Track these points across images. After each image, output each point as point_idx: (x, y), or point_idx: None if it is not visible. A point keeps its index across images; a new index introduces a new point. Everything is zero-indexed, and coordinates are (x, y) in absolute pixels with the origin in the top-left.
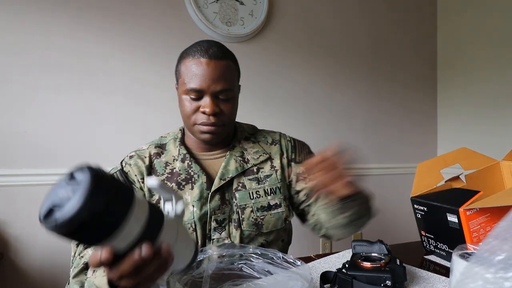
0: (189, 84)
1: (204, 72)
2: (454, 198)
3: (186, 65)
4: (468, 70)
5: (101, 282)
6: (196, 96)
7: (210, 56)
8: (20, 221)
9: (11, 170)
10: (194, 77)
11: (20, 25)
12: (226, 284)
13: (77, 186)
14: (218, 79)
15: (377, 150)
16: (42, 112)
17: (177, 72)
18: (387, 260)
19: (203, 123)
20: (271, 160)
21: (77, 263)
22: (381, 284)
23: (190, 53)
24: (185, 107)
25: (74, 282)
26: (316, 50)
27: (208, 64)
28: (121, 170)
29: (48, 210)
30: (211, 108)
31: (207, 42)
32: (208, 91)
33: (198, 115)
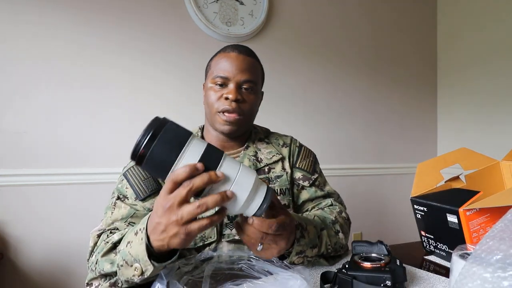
0: (216, 72)
1: (231, 62)
2: (454, 198)
3: (217, 59)
4: (468, 70)
5: (138, 250)
6: (222, 82)
7: (240, 51)
8: (20, 221)
9: (11, 170)
10: (222, 67)
11: (20, 25)
12: (226, 284)
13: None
14: (243, 70)
15: (377, 150)
16: (42, 112)
17: (207, 68)
18: (387, 261)
19: (224, 110)
20: (283, 161)
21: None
22: (381, 284)
23: (221, 50)
24: (210, 95)
25: (104, 260)
26: (316, 50)
27: (236, 57)
28: None
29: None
30: (234, 94)
31: (239, 44)
32: (233, 79)
33: (221, 101)
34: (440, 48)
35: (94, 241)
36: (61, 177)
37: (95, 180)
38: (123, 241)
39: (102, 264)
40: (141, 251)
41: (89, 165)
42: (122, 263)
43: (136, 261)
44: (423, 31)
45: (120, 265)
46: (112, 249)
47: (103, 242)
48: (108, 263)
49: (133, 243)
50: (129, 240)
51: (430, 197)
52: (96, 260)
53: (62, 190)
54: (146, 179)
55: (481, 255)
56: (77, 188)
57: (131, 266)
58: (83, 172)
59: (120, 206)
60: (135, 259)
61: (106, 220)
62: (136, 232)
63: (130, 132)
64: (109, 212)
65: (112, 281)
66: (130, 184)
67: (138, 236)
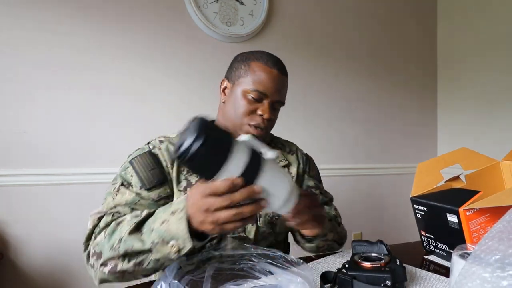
0: (256, 85)
1: (272, 80)
2: (454, 198)
3: (255, 68)
4: (468, 70)
5: (178, 227)
6: (257, 98)
7: (279, 70)
8: (20, 221)
9: (11, 170)
10: (263, 82)
11: (20, 25)
12: (227, 284)
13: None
14: (280, 91)
15: (377, 150)
16: (42, 112)
17: (236, 70)
18: (387, 260)
19: (256, 125)
20: (289, 166)
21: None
22: (381, 284)
23: (260, 59)
24: (241, 105)
25: (133, 238)
26: (316, 50)
27: (277, 76)
28: (149, 152)
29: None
30: (268, 113)
31: (274, 56)
32: (270, 97)
33: (254, 116)
34: (440, 48)
35: (94, 223)
36: (61, 177)
37: (95, 180)
38: (155, 221)
39: (130, 242)
40: (182, 229)
41: (89, 165)
42: (158, 240)
43: (174, 239)
44: (423, 32)
45: (155, 243)
46: (137, 228)
47: (114, 223)
48: (138, 241)
49: (171, 221)
50: (164, 219)
51: (430, 197)
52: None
53: (62, 190)
54: (153, 169)
55: (480, 256)
56: (77, 188)
57: (168, 243)
58: (83, 172)
59: (124, 192)
60: (173, 237)
61: (108, 204)
62: (173, 212)
63: (130, 132)
64: (110, 198)
65: (137, 261)
66: (135, 172)
67: (177, 215)
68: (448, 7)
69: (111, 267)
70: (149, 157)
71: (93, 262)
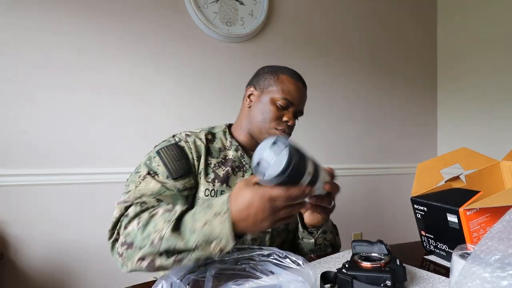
0: (284, 94)
1: (298, 92)
2: (454, 198)
3: (284, 80)
4: (468, 70)
5: (222, 229)
6: (284, 105)
7: (303, 83)
8: (20, 221)
9: (11, 170)
10: (291, 92)
11: (20, 25)
12: (228, 283)
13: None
14: (302, 102)
15: (377, 150)
16: (42, 112)
17: (266, 79)
18: (387, 260)
19: (282, 130)
20: None
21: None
22: (381, 284)
23: (288, 73)
24: (270, 111)
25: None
26: (316, 50)
27: (302, 88)
28: (175, 144)
29: (257, 163)
30: (292, 120)
31: (298, 73)
32: (295, 106)
33: (279, 122)
34: (440, 48)
35: (120, 212)
36: (61, 177)
37: (95, 180)
38: (197, 221)
39: (173, 241)
40: (226, 230)
41: (89, 165)
42: (201, 242)
43: (216, 239)
44: (423, 32)
45: (198, 244)
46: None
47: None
48: (180, 241)
49: (214, 223)
50: (207, 220)
51: (430, 197)
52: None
53: (62, 190)
54: (179, 160)
55: (480, 256)
56: (77, 188)
57: (211, 244)
58: (83, 172)
59: (150, 182)
60: (216, 237)
61: (134, 192)
62: (216, 214)
63: (130, 132)
64: (133, 185)
65: (177, 258)
66: (163, 162)
67: (220, 218)
68: (448, 7)
69: (149, 262)
70: (175, 149)
71: (122, 251)
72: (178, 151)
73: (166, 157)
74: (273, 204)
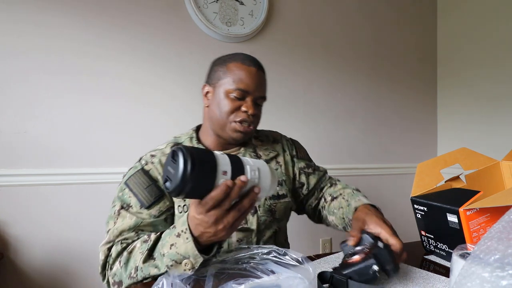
0: (237, 84)
1: (252, 78)
2: (454, 198)
3: (234, 68)
4: (468, 70)
5: (186, 248)
6: (240, 96)
7: (257, 66)
8: (20, 221)
9: (11, 170)
10: (243, 79)
11: (20, 26)
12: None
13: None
14: (260, 87)
15: (377, 150)
16: (42, 112)
17: (216, 72)
18: (371, 247)
19: (242, 121)
20: (277, 156)
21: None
22: (370, 272)
23: (238, 59)
24: (225, 105)
25: (147, 266)
26: (316, 50)
27: (256, 73)
28: (142, 169)
29: (165, 180)
30: (252, 109)
31: (249, 55)
32: (252, 94)
33: (238, 113)
34: (440, 48)
35: (105, 254)
36: (61, 177)
37: (95, 180)
38: (164, 246)
39: (146, 269)
40: (190, 248)
41: (89, 165)
42: (172, 263)
43: (185, 258)
44: (423, 32)
45: (169, 266)
46: (149, 256)
47: (126, 252)
48: (153, 268)
49: (178, 244)
50: (172, 243)
51: (430, 197)
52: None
53: (62, 190)
54: (148, 186)
55: (480, 256)
56: (77, 188)
57: (181, 263)
58: (83, 172)
59: (125, 216)
60: (184, 257)
61: (113, 231)
62: (178, 234)
63: (130, 133)
64: (112, 222)
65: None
66: (133, 193)
67: (182, 237)
68: (448, 7)
69: None
70: (142, 175)
71: None
72: (146, 177)
73: (135, 186)
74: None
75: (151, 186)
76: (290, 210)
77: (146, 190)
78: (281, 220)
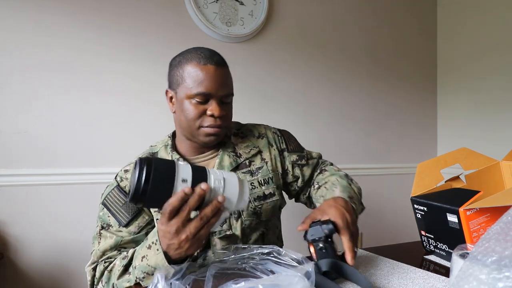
0: (196, 89)
1: (212, 77)
2: (454, 198)
3: (190, 71)
4: (468, 70)
5: (156, 259)
6: (203, 100)
7: (216, 63)
8: (20, 221)
9: (11, 170)
10: (202, 82)
11: (20, 25)
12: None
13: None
14: (223, 85)
15: (377, 150)
16: (42, 112)
17: (174, 76)
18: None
19: (210, 125)
20: (261, 153)
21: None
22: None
23: (193, 59)
24: (189, 111)
25: (122, 281)
26: (316, 50)
27: (215, 71)
28: (117, 186)
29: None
30: (218, 111)
31: (207, 50)
32: (215, 95)
33: (205, 118)
34: (440, 47)
35: (91, 275)
36: (61, 177)
37: (95, 180)
38: (136, 258)
39: (121, 284)
40: (160, 259)
41: (90, 165)
42: (143, 275)
43: (156, 270)
44: (423, 31)
45: (141, 278)
46: (125, 271)
47: (106, 271)
48: (126, 282)
49: (149, 255)
50: (144, 255)
51: (430, 196)
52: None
53: (62, 190)
54: (124, 203)
55: (478, 257)
56: (77, 188)
57: (152, 275)
58: (84, 172)
59: (106, 236)
60: (155, 268)
61: (96, 252)
62: (149, 246)
63: (130, 132)
64: (96, 243)
65: None
66: (111, 213)
67: (153, 248)
68: (448, 7)
69: None
70: (118, 193)
71: None
72: (121, 194)
73: (112, 206)
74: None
75: (126, 203)
76: (280, 208)
77: (122, 208)
78: (269, 220)
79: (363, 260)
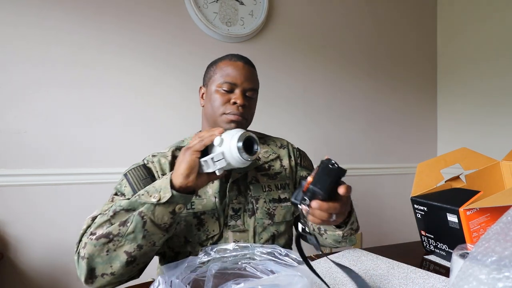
0: (224, 78)
1: (239, 71)
2: (454, 198)
3: (222, 66)
4: (468, 70)
5: (161, 183)
6: (229, 89)
7: (245, 61)
8: (20, 221)
9: (11, 170)
10: (230, 73)
11: (20, 23)
12: (228, 283)
13: None
14: (249, 79)
15: (377, 150)
16: (43, 112)
17: (208, 73)
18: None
19: (231, 113)
20: (281, 159)
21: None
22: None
23: (226, 58)
24: (216, 99)
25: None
26: (316, 50)
27: (243, 67)
28: (143, 165)
29: None
30: (241, 99)
31: (240, 54)
32: (240, 86)
33: (228, 105)
34: (440, 48)
35: (87, 224)
36: (61, 177)
37: (95, 180)
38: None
39: (119, 202)
40: (164, 183)
41: (89, 165)
42: (143, 193)
43: (156, 191)
44: (423, 31)
45: (141, 194)
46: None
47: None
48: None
49: (157, 181)
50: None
51: (430, 196)
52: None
53: (62, 190)
54: (145, 179)
55: (477, 257)
56: (77, 188)
57: (151, 195)
58: (83, 172)
59: (117, 200)
60: (156, 190)
61: (102, 207)
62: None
63: (130, 132)
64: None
65: (122, 220)
66: (129, 183)
67: (162, 179)
68: (448, 8)
69: (99, 233)
70: (142, 169)
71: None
72: (145, 171)
73: (133, 178)
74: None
75: (147, 179)
76: (293, 215)
77: (142, 182)
78: (281, 224)
79: (363, 260)
